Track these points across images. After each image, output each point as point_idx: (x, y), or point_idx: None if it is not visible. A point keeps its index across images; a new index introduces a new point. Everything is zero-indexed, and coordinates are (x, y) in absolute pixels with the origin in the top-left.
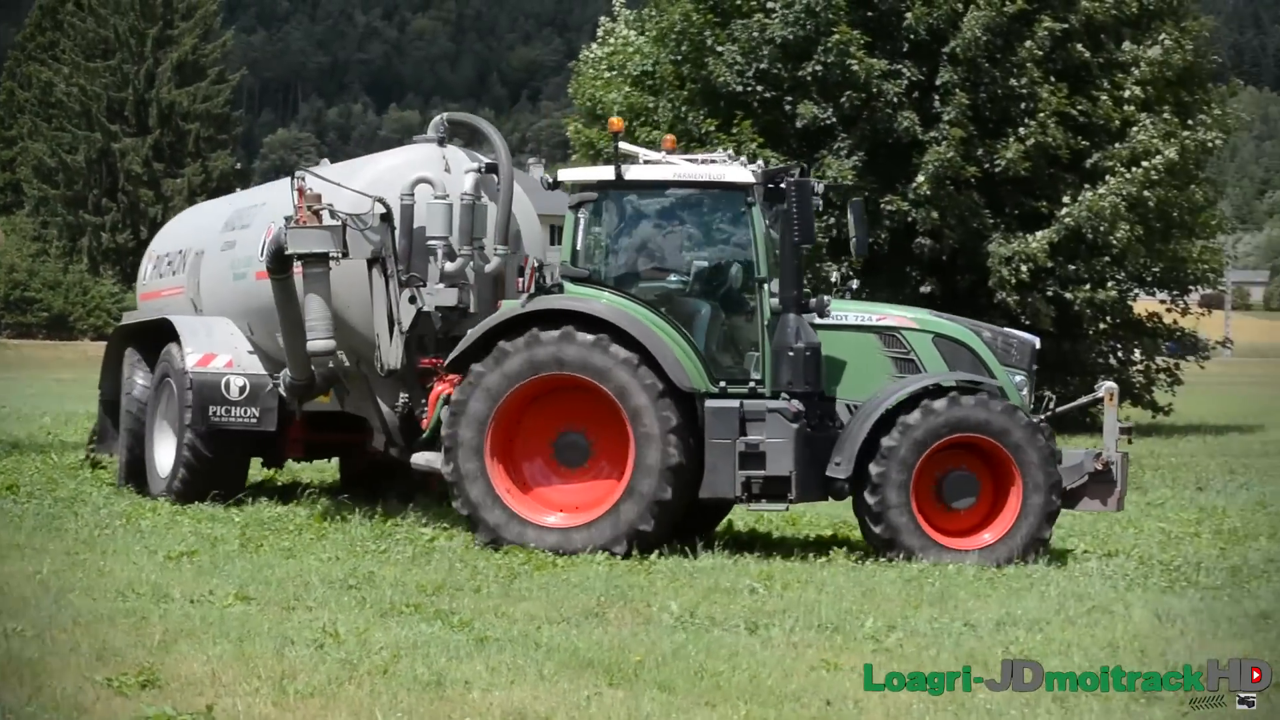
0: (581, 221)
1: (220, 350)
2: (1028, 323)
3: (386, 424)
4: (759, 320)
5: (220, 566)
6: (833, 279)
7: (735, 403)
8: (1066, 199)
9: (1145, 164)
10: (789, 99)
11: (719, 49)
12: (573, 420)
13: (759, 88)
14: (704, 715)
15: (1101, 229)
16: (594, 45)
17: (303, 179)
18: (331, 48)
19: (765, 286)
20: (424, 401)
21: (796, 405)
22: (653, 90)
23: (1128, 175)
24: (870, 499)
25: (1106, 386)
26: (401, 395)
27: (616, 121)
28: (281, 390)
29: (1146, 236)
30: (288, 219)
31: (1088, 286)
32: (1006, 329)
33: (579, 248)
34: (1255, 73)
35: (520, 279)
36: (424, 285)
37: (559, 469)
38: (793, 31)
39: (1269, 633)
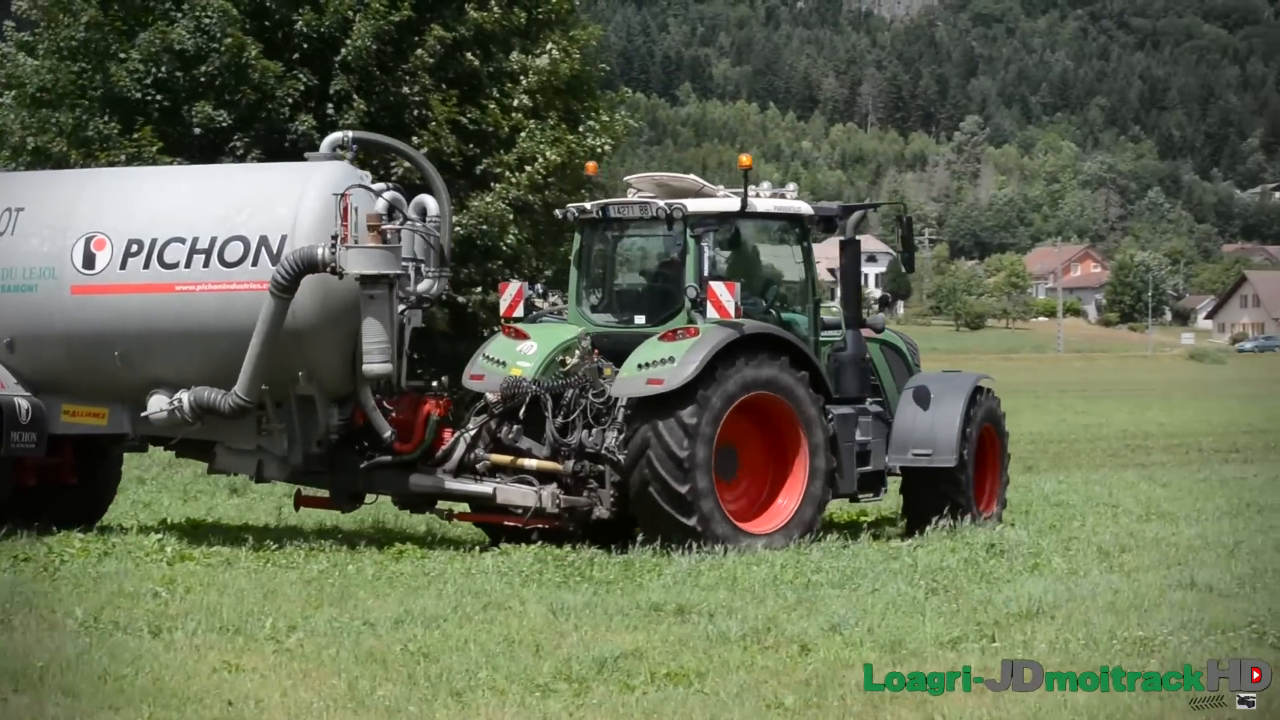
0: (705, 250)
1: None
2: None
3: (312, 446)
4: (814, 334)
5: None
6: None
7: (851, 409)
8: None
9: (529, 168)
10: (186, 106)
11: (122, 56)
12: (726, 436)
13: (158, 96)
14: (108, 719)
15: (492, 233)
16: None
17: (348, 194)
18: None
19: (819, 305)
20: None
21: (882, 409)
22: (50, 104)
23: (514, 180)
24: (964, 480)
25: None
26: (338, 417)
27: (746, 159)
28: (184, 412)
29: (536, 239)
30: (334, 237)
31: (480, 290)
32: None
33: (705, 273)
34: (644, 79)
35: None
36: (429, 306)
37: (715, 480)
38: (194, 41)
39: (660, 624)
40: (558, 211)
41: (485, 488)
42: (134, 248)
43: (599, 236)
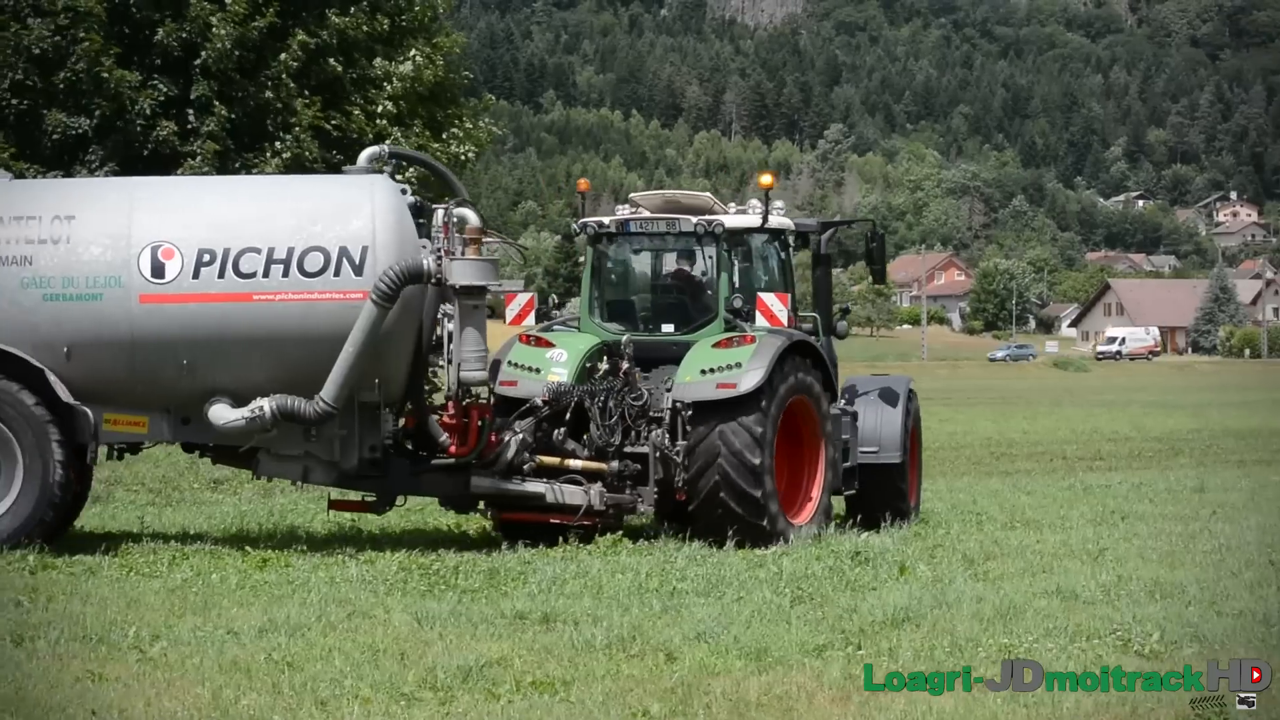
0: (735, 264)
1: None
2: None
3: (367, 451)
4: None
5: None
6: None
7: (837, 409)
8: None
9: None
10: (43, 112)
11: None
12: None
13: (14, 100)
14: None
15: None
16: None
17: (447, 209)
18: None
19: (796, 312)
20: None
21: (851, 408)
22: None
23: None
24: (905, 476)
25: None
26: (390, 424)
27: (767, 180)
28: (266, 420)
29: None
30: (438, 249)
31: None
32: None
33: (738, 286)
34: (508, 86)
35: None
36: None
37: None
38: (49, 42)
39: (525, 633)
40: (574, 226)
41: (542, 487)
42: (206, 257)
43: (617, 250)
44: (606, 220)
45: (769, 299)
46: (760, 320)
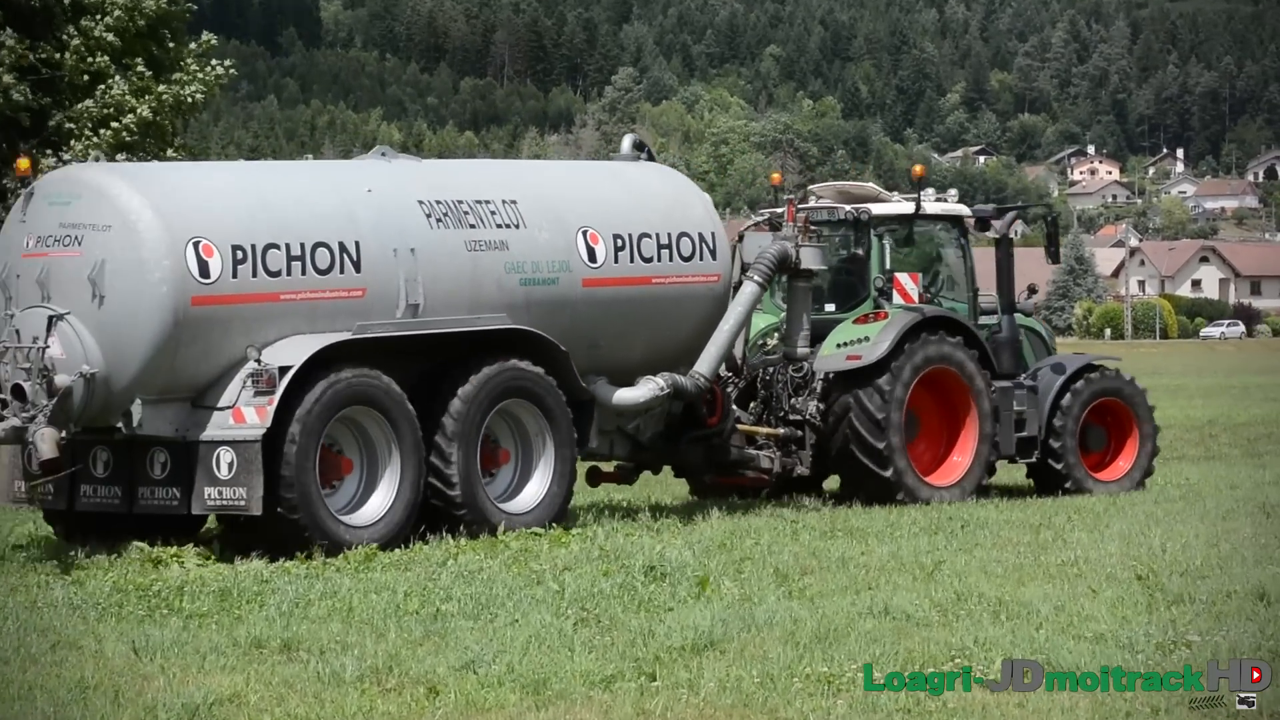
0: (886, 247)
1: None
2: None
3: (661, 425)
4: (973, 319)
5: None
6: None
7: (1009, 383)
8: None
9: (115, 125)
10: None
11: None
12: (910, 403)
13: None
14: None
15: None
16: None
17: (792, 199)
18: None
19: (978, 293)
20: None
21: (1031, 382)
22: None
23: (96, 139)
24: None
25: None
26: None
27: (919, 169)
28: (662, 393)
29: None
30: (787, 236)
31: None
32: None
33: (888, 265)
34: (240, 24)
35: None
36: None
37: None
38: None
39: (262, 664)
40: (754, 218)
41: (764, 454)
42: (619, 241)
43: None
44: (779, 210)
45: (903, 278)
46: (897, 298)
